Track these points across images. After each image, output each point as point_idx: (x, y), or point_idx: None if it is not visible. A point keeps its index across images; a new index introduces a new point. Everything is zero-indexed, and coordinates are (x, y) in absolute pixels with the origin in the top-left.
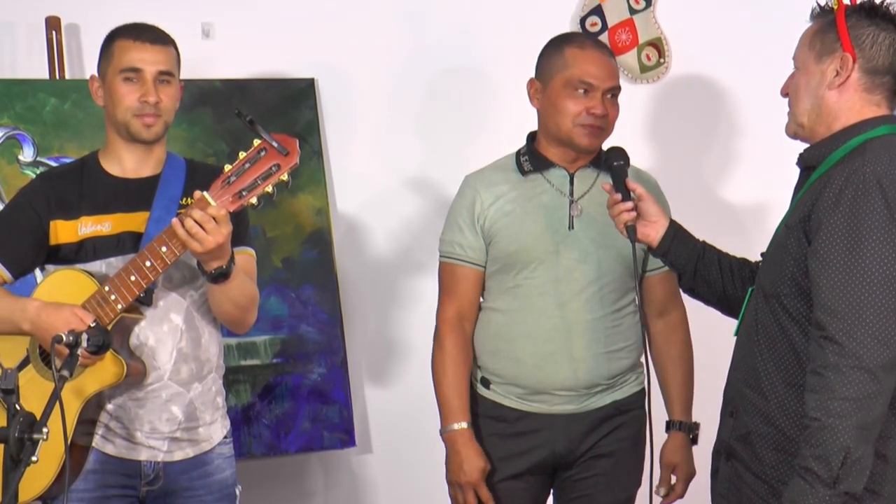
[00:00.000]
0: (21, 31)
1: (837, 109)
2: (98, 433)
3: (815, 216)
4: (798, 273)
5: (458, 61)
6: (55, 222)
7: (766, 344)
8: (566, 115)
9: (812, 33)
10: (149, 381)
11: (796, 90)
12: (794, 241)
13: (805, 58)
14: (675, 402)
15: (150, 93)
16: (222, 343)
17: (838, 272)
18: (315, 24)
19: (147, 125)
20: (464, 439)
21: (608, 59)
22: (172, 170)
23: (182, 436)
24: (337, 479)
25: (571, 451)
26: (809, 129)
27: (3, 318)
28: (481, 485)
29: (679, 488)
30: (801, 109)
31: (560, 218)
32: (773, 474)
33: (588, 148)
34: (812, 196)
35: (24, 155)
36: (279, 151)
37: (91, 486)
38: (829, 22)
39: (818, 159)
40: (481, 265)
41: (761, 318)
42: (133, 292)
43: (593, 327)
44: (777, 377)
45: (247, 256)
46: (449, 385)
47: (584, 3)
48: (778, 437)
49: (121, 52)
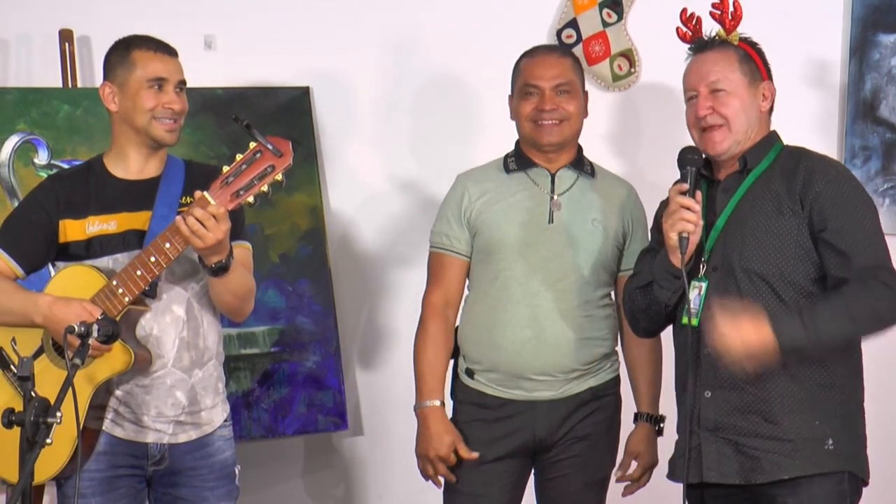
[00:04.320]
0: (36, 42)
1: (759, 126)
2: (108, 417)
3: (818, 204)
4: (802, 250)
5: (443, 71)
6: (64, 221)
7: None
8: (523, 117)
9: (737, 61)
10: (154, 369)
11: (736, 113)
12: (792, 226)
13: (738, 83)
14: (644, 395)
15: (175, 101)
16: (221, 332)
17: (867, 229)
18: (310, 37)
19: (170, 130)
20: (435, 415)
21: (556, 58)
22: (172, 171)
23: (186, 419)
24: (330, 460)
25: (550, 435)
26: (741, 142)
27: (17, 312)
28: (448, 459)
29: (639, 475)
30: (740, 129)
31: (541, 213)
32: (795, 432)
33: (550, 143)
34: (782, 187)
35: (38, 158)
36: (274, 153)
37: (102, 466)
38: (744, 54)
39: (756, 161)
40: (467, 255)
41: (752, 294)
42: (139, 286)
43: (567, 316)
44: None
45: (244, 250)
46: (426, 364)
47: (560, 17)
48: (804, 400)
49: (144, 63)
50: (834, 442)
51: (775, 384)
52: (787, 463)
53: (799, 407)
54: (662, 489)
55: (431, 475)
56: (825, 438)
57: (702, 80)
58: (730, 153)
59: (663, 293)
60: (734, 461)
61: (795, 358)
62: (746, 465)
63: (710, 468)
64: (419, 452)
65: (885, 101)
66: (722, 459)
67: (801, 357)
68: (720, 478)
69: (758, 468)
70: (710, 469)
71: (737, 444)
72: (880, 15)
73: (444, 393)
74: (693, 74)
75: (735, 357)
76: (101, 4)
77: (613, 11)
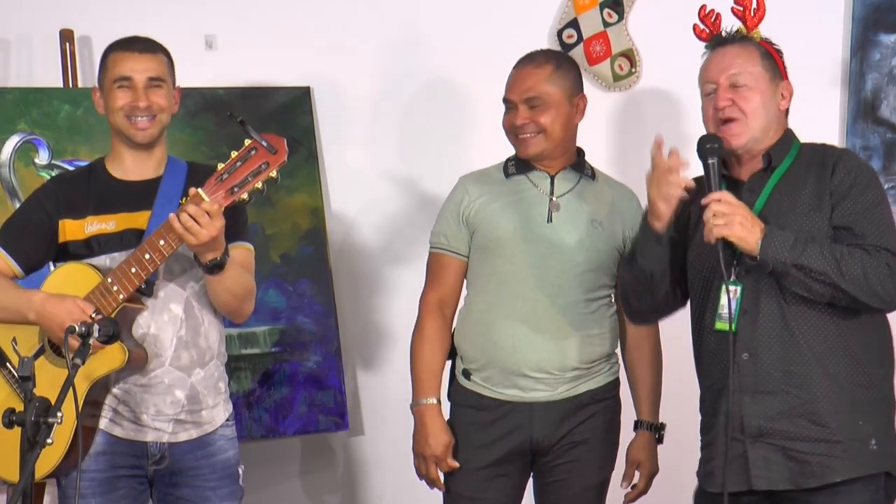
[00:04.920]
0: (37, 43)
1: (779, 123)
2: (107, 417)
3: (838, 191)
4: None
5: (444, 72)
6: (64, 221)
7: (806, 322)
8: (506, 130)
9: (759, 56)
10: (151, 368)
11: (756, 109)
12: (820, 218)
13: (759, 79)
14: (644, 403)
15: (141, 98)
16: (223, 332)
17: (883, 215)
18: (311, 37)
19: (140, 129)
20: (431, 414)
21: (531, 70)
22: (173, 171)
23: (186, 418)
24: (331, 460)
25: (547, 438)
26: (760, 140)
27: (11, 309)
28: (444, 459)
29: (642, 484)
30: (759, 125)
31: (540, 212)
32: (843, 433)
33: (527, 155)
34: (815, 184)
35: (39, 158)
36: (268, 150)
37: (102, 466)
38: (765, 51)
39: (780, 159)
40: (465, 255)
41: (794, 294)
42: (134, 283)
43: (565, 312)
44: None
45: (244, 251)
46: (422, 362)
47: (561, 17)
48: (846, 400)
49: (113, 64)
50: (877, 441)
51: (817, 386)
52: (837, 465)
53: (843, 408)
54: (660, 496)
55: (425, 474)
56: (869, 438)
57: (722, 72)
58: (746, 149)
59: (646, 261)
60: (784, 467)
61: (768, 269)
62: (796, 470)
63: (758, 475)
64: (415, 450)
65: (886, 101)
66: (770, 466)
67: (776, 274)
68: (770, 484)
69: (808, 472)
70: (759, 476)
71: (784, 448)
72: (881, 15)
73: (441, 392)
74: (713, 67)
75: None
76: (101, 4)
77: (614, 11)
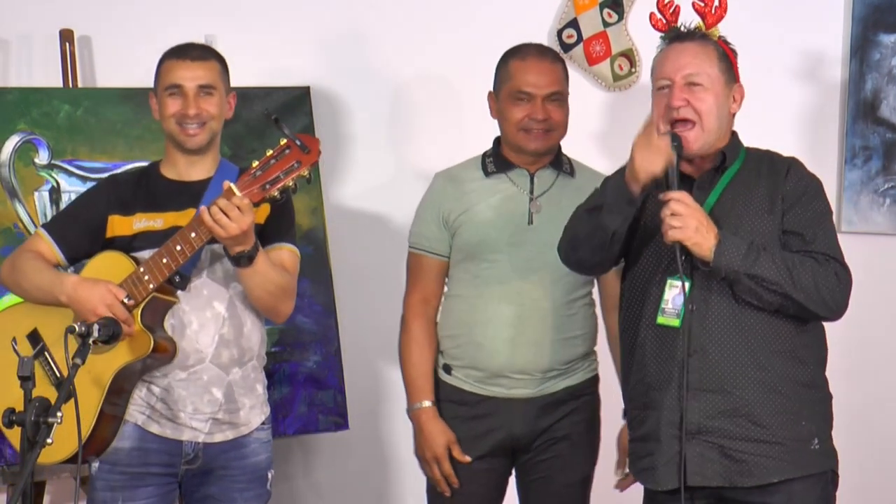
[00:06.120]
0: (37, 42)
1: (728, 125)
2: (144, 414)
3: (790, 197)
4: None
5: (445, 72)
6: (112, 217)
7: (755, 323)
8: (511, 122)
9: (716, 57)
10: (191, 363)
11: (710, 110)
12: (772, 221)
13: (715, 80)
14: None
15: (191, 106)
16: (265, 336)
17: (830, 225)
18: (310, 38)
19: (190, 135)
20: (427, 416)
21: (549, 65)
22: (223, 174)
23: (223, 417)
24: (331, 459)
25: (528, 434)
26: (713, 143)
27: (45, 289)
28: (444, 459)
29: None
30: (712, 127)
31: (521, 213)
32: (783, 434)
33: (536, 151)
34: (768, 186)
35: (39, 158)
36: (301, 149)
37: (135, 462)
38: (722, 52)
39: (732, 160)
40: (445, 255)
41: (743, 302)
42: (164, 273)
43: (548, 315)
44: (773, 349)
45: (287, 252)
46: (413, 366)
47: (560, 17)
48: (783, 403)
49: (166, 71)
50: (819, 441)
51: (760, 386)
52: (775, 466)
53: (785, 408)
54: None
55: (431, 476)
56: (811, 438)
57: (678, 70)
58: (701, 153)
59: (612, 219)
60: (718, 464)
61: (720, 276)
62: (732, 469)
63: (693, 472)
64: (417, 455)
65: (886, 101)
66: (705, 463)
67: (728, 281)
68: (704, 481)
69: (745, 471)
70: (694, 473)
71: (721, 447)
72: (881, 15)
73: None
74: (669, 63)
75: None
76: (101, 4)
77: (614, 11)
